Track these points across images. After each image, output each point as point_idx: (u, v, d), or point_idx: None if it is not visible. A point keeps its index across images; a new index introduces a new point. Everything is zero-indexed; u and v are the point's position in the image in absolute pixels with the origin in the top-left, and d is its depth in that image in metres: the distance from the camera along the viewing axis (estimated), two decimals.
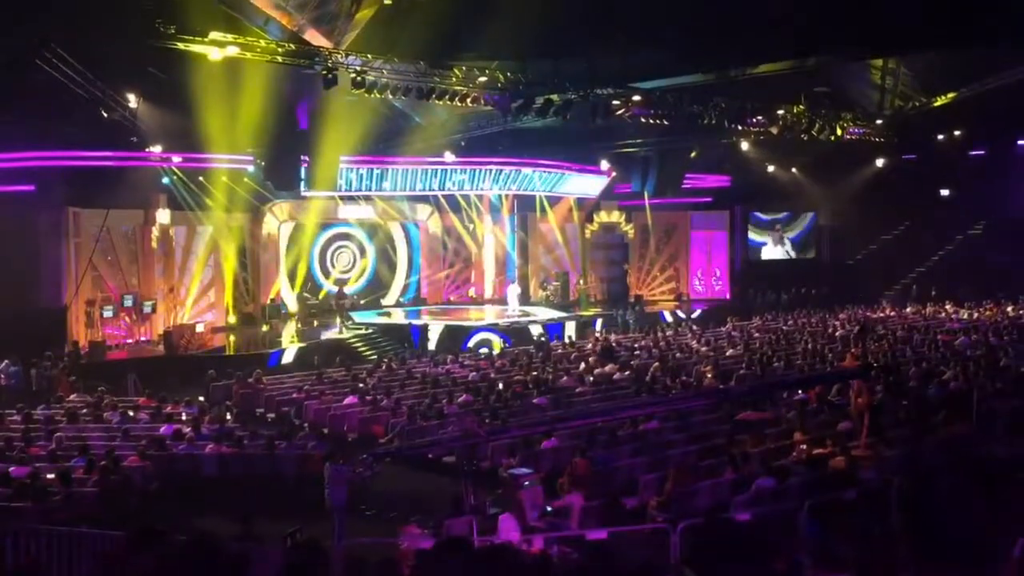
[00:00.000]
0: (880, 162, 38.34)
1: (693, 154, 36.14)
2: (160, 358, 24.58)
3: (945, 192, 41.15)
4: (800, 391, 18.26)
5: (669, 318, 34.50)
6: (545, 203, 37.30)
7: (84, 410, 17.90)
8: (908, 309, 34.89)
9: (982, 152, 38.10)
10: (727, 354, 24.24)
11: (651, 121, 27.66)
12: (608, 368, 21.98)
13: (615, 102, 26.36)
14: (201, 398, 19.57)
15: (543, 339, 28.21)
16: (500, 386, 20.02)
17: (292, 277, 33.59)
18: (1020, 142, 37.81)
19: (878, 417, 15.15)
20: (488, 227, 37.40)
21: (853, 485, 11.76)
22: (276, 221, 32.94)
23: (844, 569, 6.71)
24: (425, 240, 36.85)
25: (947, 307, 33.99)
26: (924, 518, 3.95)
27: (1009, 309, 32.44)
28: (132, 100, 23.85)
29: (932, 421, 15.40)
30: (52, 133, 23.36)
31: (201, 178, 28.32)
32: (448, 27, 21.50)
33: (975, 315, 31.93)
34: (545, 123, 27.26)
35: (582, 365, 22.58)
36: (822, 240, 42.56)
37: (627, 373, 21.36)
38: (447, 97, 24.10)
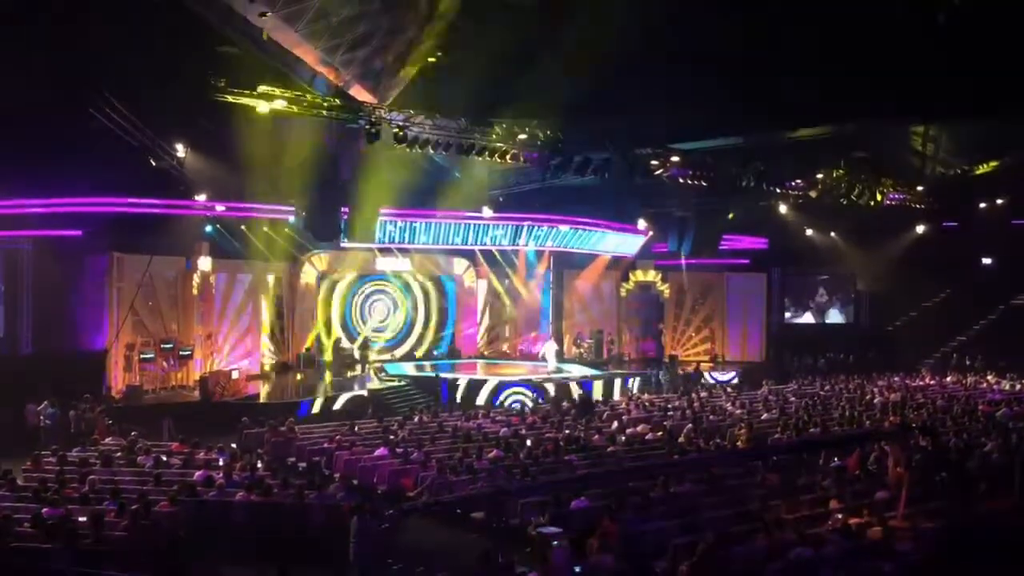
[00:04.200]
0: (920, 228, 38.09)
1: (731, 215, 36.13)
2: (195, 404, 24.76)
3: (987, 260, 40.68)
4: (836, 459, 17.96)
5: (698, 380, 34.02)
6: (581, 260, 37.43)
7: (118, 453, 18.02)
8: (948, 378, 34.33)
9: None
10: (762, 418, 23.92)
11: (689, 181, 27.74)
12: (641, 428, 21.80)
13: (653, 162, 26.53)
14: (233, 445, 19.64)
15: (585, 398, 27.87)
16: (529, 443, 19.87)
17: (328, 327, 33.98)
18: None
19: (917, 487, 14.84)
20: (524, 283, 37.50)
21: (890, 557, 11.50)
22: (314, 271, 33.37)
23: None
24: (460, 294, 37.05)
25: (988, 377, 33.38)
26: None
27: None
28: (180, 149, 24.40)
29: (973, 494, 15.08)
30: (100, 180, 23.86)
31: (243, 227, 28.79)
32: (490, 85, 21.86)
33: (1017, 387, 31.32)
34: (583, 181, 27.47)
35: (614, 424, 22.40)
36: (860, 306, 42.13)
37: (659, 434, 21.15)
38: (487, 153, 24.39)
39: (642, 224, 36.73)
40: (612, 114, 23.98)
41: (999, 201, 35.77)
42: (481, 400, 28.21)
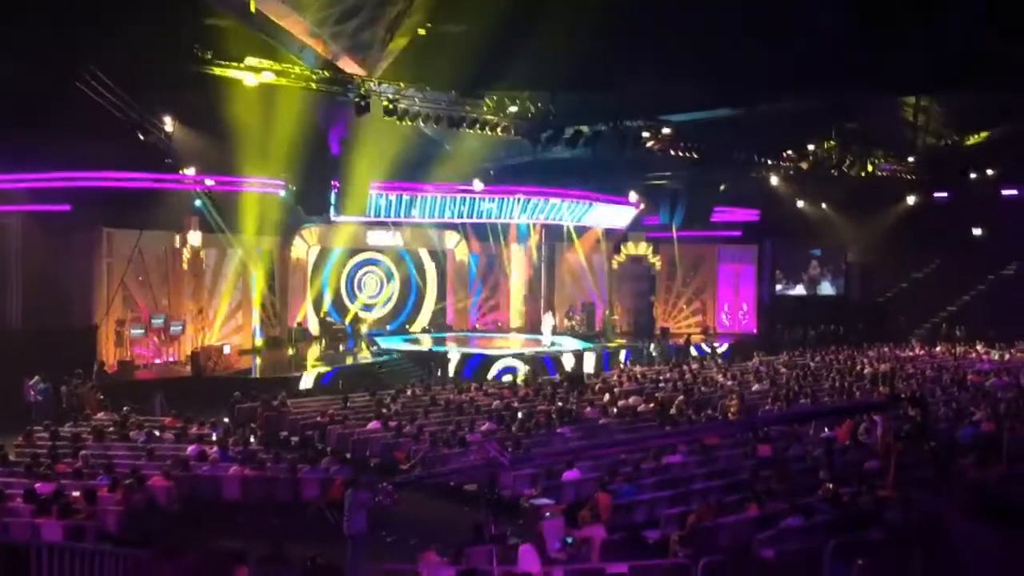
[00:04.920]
0: (911, 200, 38.13)
1: (722, 187, 36.12)
2: (187, 379, 24.76)
3: (977, 231, 40.78)
4: (826, 429, 18.09)
5: (690, 352, 34.24)
6: (573, 233, 37.44)
7: (110, 428, 18.04)
8: (938, 348, 34.53)
9: (1015, 192, 37.72)
10: (753, 389, 24.06)
11: (681, 154, 27.68)
12: (632, 400, 21.89)
13: (645, 134, 26.45)
14: (226, 420, 19.69)
15: (576, 372, 27.91)
16: (520, 415, 19.92)
17: (318, 301, 33.99)
18: None
19: (906, 457, 14.95)
20: (515, 256, 37.52)
21: (878, 525, 11.61)
22: (305, 245, 33.31)
23: None
24: (452, 268, 37.05)
25: (978, 347, 33.57)
26: (947, 562, 3.89)
27: None
28: (168, 123, 24.23)
29: (961, 463, 15.21)
30: (89, 154, 23.68)
31: (233, 201, 28.65)
32: (480, 57, 21.69)
33: (1006, 356, 31.52)
34: (574, 154, 27.37)
35: (606, 396, 22.49)
36: (851, 277, 42.26)
37: (651, 405, 21.25)
38: (477, 126, 24.28)
39: (633, 197, 36.66)
40: (603, 86, 23.85)
41: (989, 172, 35.79)
42: (473, 372, 28.33)
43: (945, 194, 38.23)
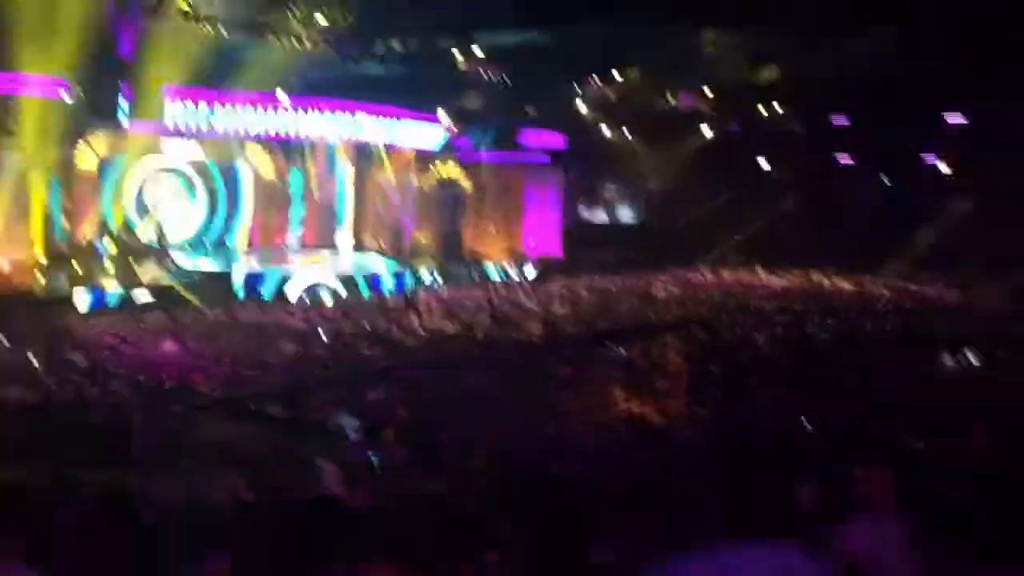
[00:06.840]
0: (707, 132, 39.84)
1: (531, 113, 36.49)
2: None
3: (766, 166, 43.19)
4: (623, 351, 18.88)
5: (497, 275, 34.94)
6: (382, 152, 36.75)
7: None
8: (725, 274, 36.59)
9: (804, 129, 40.11)
10: (556, 312, 24.73)
11: (492, 77, 27.67)
12: (440, 322, 22.06)
13: (456, 54, 26.25)
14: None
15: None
16: (327, 337, 19.68)
17: (111, 217, 31.88)
18: (836, 119, 39.50)
19: (695, 377, 15.86)
20: (322, 173, 36.53)
21: (668, 445, 12.27)
22: (94, 155, 30.96)
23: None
24: (255, 183, 35.64)
25: (760, 273, 35.73)
26: (738, 484, 4.11)
27: (815, 278, 34.37)
28: None
29: (745, 385, 16.25)
30: None
31: (9, 101, 26.21)
32: None
33: (785, 283, 33.78)
34: (384, 71, 26.82)
35: (414, 318, 22.53)
36: (651, 205, 43.92)
37: (458, 328, 21.48)
38: (283, 36, 23.25)
39: (443, 117, 36.33)
40: (415, 2, 23.39)
41: (779, 108, 37.79)
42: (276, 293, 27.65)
43: (739, 128, 40.18)
